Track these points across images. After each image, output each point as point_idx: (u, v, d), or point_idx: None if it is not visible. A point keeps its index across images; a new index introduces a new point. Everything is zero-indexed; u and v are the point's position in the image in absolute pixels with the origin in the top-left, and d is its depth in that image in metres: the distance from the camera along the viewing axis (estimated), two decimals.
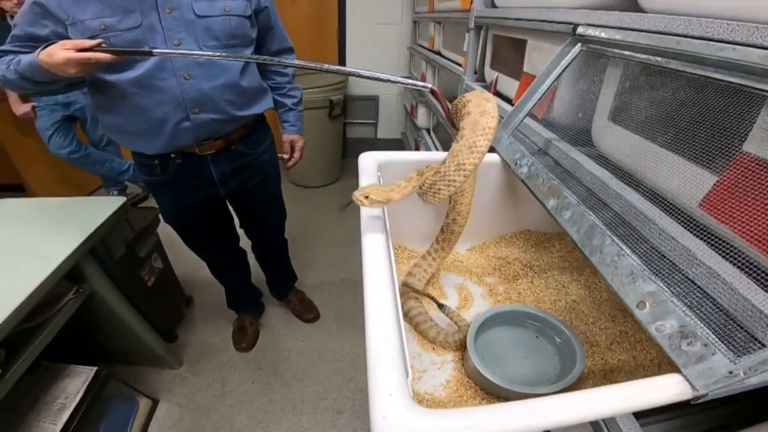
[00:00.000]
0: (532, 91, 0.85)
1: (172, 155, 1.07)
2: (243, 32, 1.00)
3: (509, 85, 1.12)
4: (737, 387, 0.34)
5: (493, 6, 1.21)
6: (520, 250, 0.89)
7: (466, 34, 1.32)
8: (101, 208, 1.17)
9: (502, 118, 0.90)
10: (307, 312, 1.73)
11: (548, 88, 0.83)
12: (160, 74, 0.93)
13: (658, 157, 0.58)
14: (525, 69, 1.02)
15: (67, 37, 0.84)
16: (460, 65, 1.54)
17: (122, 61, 0.87)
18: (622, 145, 0.68)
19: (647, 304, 0.41)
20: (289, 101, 1.25)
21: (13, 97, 2.20)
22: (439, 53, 1.94)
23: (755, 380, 0.33)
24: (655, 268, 0.44)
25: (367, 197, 0.62)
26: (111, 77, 0.92)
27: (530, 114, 0.87)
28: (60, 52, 0.76)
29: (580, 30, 0.78)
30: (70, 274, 1.03)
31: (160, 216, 1.51)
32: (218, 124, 1.02)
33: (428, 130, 2.21)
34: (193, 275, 1.93)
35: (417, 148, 2.34)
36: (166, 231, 1.38)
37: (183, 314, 1.75)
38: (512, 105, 1.05)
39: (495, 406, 0.36)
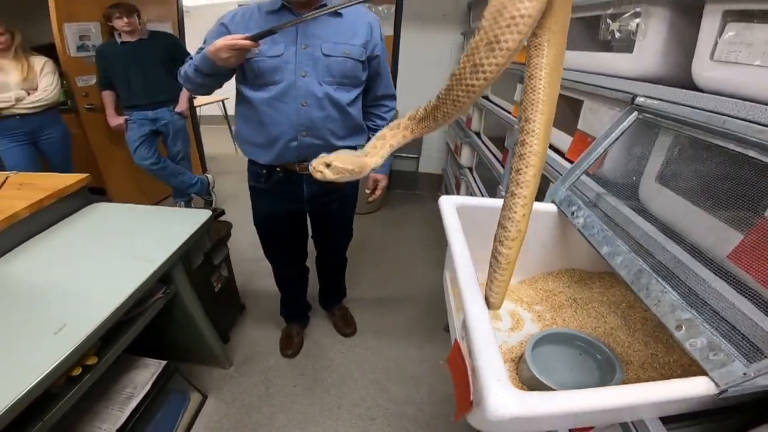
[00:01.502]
0: (591, 152, 0.91)
1: (277, 168, 1.24)
2: (355, 74, 1.15)
3: (561, 139, 1.18)
4: (749, 386, 0.45)
5: None
6: (565, 284, 0.96)
7: (519, 86, 1.38)
8: (193, 219, 1.29)
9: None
10: (347, 327, 1.82)
11: (605, 149, 0.89)
12: (284, 98, 1.11)
13: (696, 217, 0.68)
14: (579, 126, 1.08)
15: None
16: (509, 113, 1.60)
17: (255, 51, 1.04)
18: (666, 204, 0.76)
19: (683, 327, 0.53)
20: None
21: (109, 110, 2.45)
22: (486, 97, 2.02)
23: (762, 381, 0.44)
24: (690, 302, 0.55)
25: (328, 165, 0.57)
26: (250, 94, 1.13)
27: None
28: (218, 42, 0.96)
29: (638, 100, 0.84)
30: (162, 275, 1.14)
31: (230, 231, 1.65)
32: (318, 149, 1.14)
33: (470, 169, 2.26)
34: (247, 286, 2.05)
35: (458, 186, 2.40)
36: (231, 245, 1.49)
37: (236, 319, 1.85)
38: (563, 157, 1.12)
39: (578, 391, 0.46)
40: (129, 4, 2.30)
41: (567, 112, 1.24)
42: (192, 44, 2.66)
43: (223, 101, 4.39)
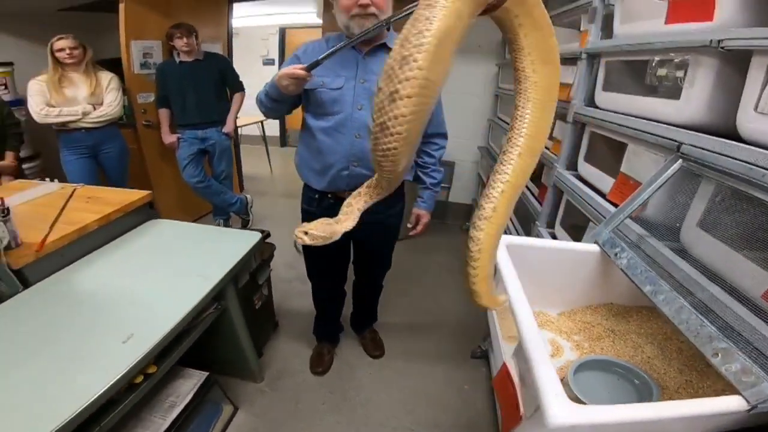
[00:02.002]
0: (635, 197, 0.94)
1: (328, 194, 1.31)
2: None
3: (603, 180, 1.20)
4: None
5: (593, 105, 1.29)
6: (603, 317, 1.00)
7: (564, 125, 1.41)
8: (244, 240, 1.37)
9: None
10: (375, 349, 1.85)
11: (650, 195, 0.92)
12: (341, 128, 1.18)
13: (734, 260, 0.74)
14: (623, 169, 1.10)
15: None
16: (547, 148, 1.63)
17: (309, 77, 1.09)
18: (706, 247, 0.81)
19: (720, 354, 0.60)
20: (428, 180, 1.40)
21: (164, 127, 2.56)
22: None
23: None
24: (726, 334, 0.62)
25: (306, 233, 0.65)
26: (312, 122, 1.22)
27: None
28: (281, 70, 1.06)
29: (683, 149, 0.87)
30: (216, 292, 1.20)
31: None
32: (366, 180, 1.20)
33: None
34: (281, 304, 2.11)
35: None
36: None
37: (270, 336, 1.91)
38: (604, 198, 1.15)
39: (627, 405, 0.54)
40: (189, 25, 2.41)
41: (607, 153, 1.27)
42: (238, 63, 2.81)
43: (261, 122, 4.55)
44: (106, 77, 2.32)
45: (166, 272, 1.21)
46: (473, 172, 3.26)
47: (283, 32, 5.41)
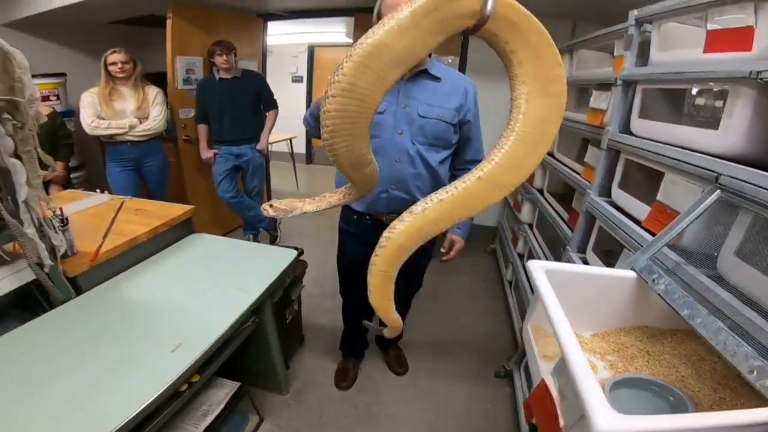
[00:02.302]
0: (673, 227, 0.95)
1: (366, 216, 1.34)
2: (446, 137, 1.24)
3: (638, 208, 1.21)
4: None
5: (629, 132, 1.29)
6: (637, 339, 1.02)
7: (598, 151, 1.42)
8: (282, 257, 1.43)
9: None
10: (399, 366, 1.87)
11: (687, 225, 0.92)
12: (381, 152, 1.20)
13: None
14: (659, 198, 1.10)
15: None
16: (578, 173, 1.64)
17: None
18: (743, 275, 0.82)
19: (755, 371, 0.63)
20: None
21: (203, 143, 2.64)
22: (551, 155, 2.05)
23: None
24: (761, 353, 0.65)
25: (271, 206, 0.75)
26: None
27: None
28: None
29: (722, 180, 0.87)
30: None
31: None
32: (404, 203, 1.22)
33: (530, 225, 2.26)
34: (308, 319, 2.14)
35: (515, 241, 2.41)
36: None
37: (296, 350, 1.94)
38: (639, 225, 1.15)
39: (670, 415, 0.60)
40: (229, 43, 2.47)
41: (642, 180, 1.27)
42: (269, 80, 2.88)
43: (290, 139, 4.69)
44: (153, 92, 2.40)
45: (208, 285, 1.27)
46: None
47: (311, 50, 5.58)
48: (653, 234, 1.07)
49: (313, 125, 1.26)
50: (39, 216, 1.08)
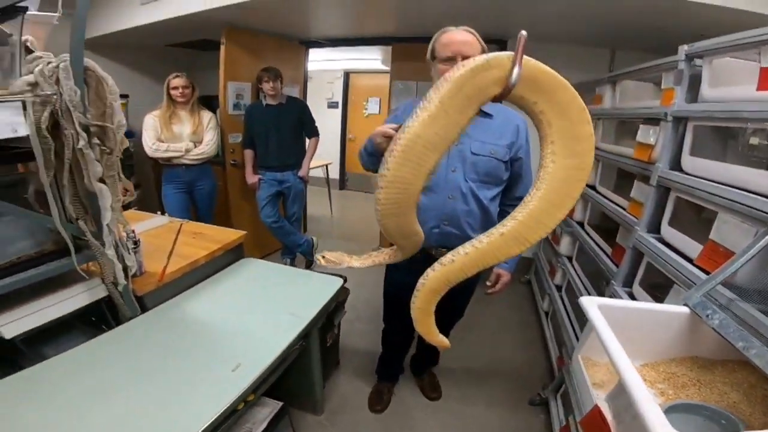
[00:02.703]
0: (728, 266, 0.95)
1: None
2: (497, 174, 1.26)
3: (689, 245, 1.19)
4: None
5: (680, 169, 1.28)
6: (688, 369, 1.03)
7: (647, 187, 1.40)
8: (328, 284, 1.50)
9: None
10: (432, 391, 1.88)
11: (742, 265, 0.92)
12: (435, 188, 1.25)
13: None
14: (712, 236, 1.09)
15: None
16: (623, 208, 1.62)
17: None
18: None
19: None
20: None
21: (249, 168, 2.73)
22: (593, 188, 2.02)
23: None
24: None
25: (323, 257, 0.88)
26: None
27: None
28: (378, 128, 1.12)
29: None
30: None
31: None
32: (455, 239, 1.23)
33: (570, 258, 2.23)
34: (344, 343, 2.16)
35: (553, 273, 2.39)
36: None
37: (332, 372, 1.98)
38: (690, 262, 1.15)
39: None
40: (276, 70, 2.55)
41: (693, 218, 1.26)
42: (309, 105, 2.96)
43: (326, 166, 4.83)
44: (207, 116, 2.53)
45: (262, 308, 1.35)
46: None
47: (347, 76, 5.79)
48: (706, 271, 1.07)
49: (368, 161, 1.30)
50: (117, 238, 1.19)
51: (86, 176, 1.07)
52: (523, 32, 0.59)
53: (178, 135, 2.44)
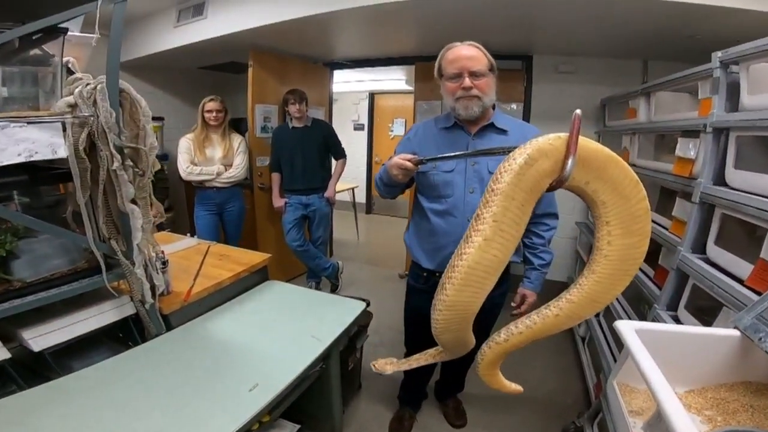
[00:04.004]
0: None
1: (436, 273, 1.36)
2: None
3: (737, 265, 1.13)
4: None
5: (724, 184, 1.22)
6: (740, 394, 0.96)
7: (689, 204, 1.34)
8: (350, 307, 1.51)
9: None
10: (458, 419, 1.82)
11: None
12: (454, 211, 1.26)
13: None
14: (763, 255, 1.03)
15: None
16: (665, 228, 1.55)
17: (416, 170, 1.17)
18: None
19: None
20: (537, 261, 1.38)
21: (275, 191, 2.77)
22: None
23: None
24: None
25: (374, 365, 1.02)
26: (426, 204, 1.32)
27: None
28: (393, 159, 1.16)
29: None
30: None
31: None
32: None
33: None
34: (366, 367, 2.10)
35: None
36: None
37: (353, 396, 1.96)
38: (740, 283, 1.08)
39: None
40: (302, 92, 2.62)
41: (741, 235, 1.19)
42: (335, 127, 3.00)
43: (353, 189, 4.87)
44: (237, 139, 2.62)
45: (283, 329, 1.37)
46: (569, 248, 3.11)
47: (372, 97, 5.92)
48: (757, 292, 1.01)
49: (385, 191, 1.34)
50: (146, 258, 1.25)
51: (119, 197, 1.13)
52: (578, 111, 0.56)
53: (211, 158, 2.53)
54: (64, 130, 1.02)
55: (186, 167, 2.48)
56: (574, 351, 2.41)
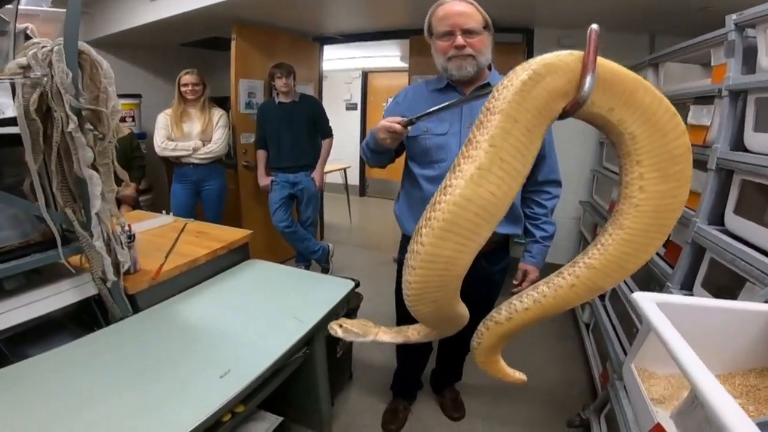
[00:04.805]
0: None
1: None
2: None
3: (760, 235, 1.07)
4: None
5: (743, 149, 1.18)
6: None
7: (703, 174, 1.28)
8: (338, 287, 1.43)
9: None
10: (455, 410, 1.77)
11: None
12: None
13: None
14: None
15: None
16: None
17: (406, 133, 1.09)
18: None
19: None
20: (538, 233, 1.33)
21: (261, 169, 2.72)
22: None
23: None
24: None
25: (341, 326, 0.74)
26: (417, 171, 1.25)
27: None
28: (379, 123, 1.09)
29: None
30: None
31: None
32: None
33: None
34: (358, 357, 2.09)
35: None
36: None
37: (343, 387, 1.89)
38: (763, 254, 1.02)
39: None
40: (289, 66, 2.56)
41: (765, 203, 1.12)
42: (325, 107, 2.93)
43: (345, 170, 4.78)
44: (217, 114, 2.56)
45: (263, 311, 1.29)
46: (573, 229, 3.07)
47: (365, 75, 5.79)
48: None
49: (372, 158, 1.26)
50: (108, 230, 1.15)
51: (76, 162, 1.05)
52: (594, 26, 0.46)
53: (188, 133, 2.48)
54: (14, 91, 0.97)
55: (161, 143, 2.43)
56: (577, 337, 2.37)
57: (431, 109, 0.97)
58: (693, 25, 2.22)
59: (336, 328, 0.79)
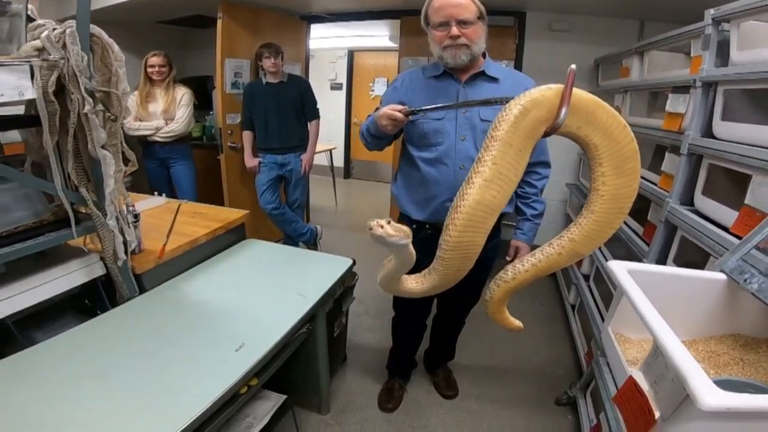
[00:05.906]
0: (762, 227, 1.00)
1: (426, 225, 1.42)
2: None
3: (724, 214, 1.24)
4: None
5: (711, 136, 1.33)
6: (729, 347, 1.06)
7: (676, 158, 1.45)
8: (336, 264, 1.55)
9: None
10: (449, 389, 1.91)
11: None
12: (445, 159, 1.31)
13: None
14: (747, 201, 1.14)
15: None
16: (654, 184, 1.66)
17: (406, 121, 1.23)
18: None
19: None
20: (529, 211, 1.44)
21: (247, 151, 2.79)
22: None
23: None
24: None
25: (389, 222, 0.78)
26: (415, 153, 1.37)
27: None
28: (381, 110, 1.22)
29: None
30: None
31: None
32: None
33: None
34: (351, 338, 2.20)
35: (580, 261, 2.41)
36: None
37: (338, 368, 2.02)
38: (726, 231, 1.19)
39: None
40: (277, 46, 2.63)
41: (727, 185, 1.31)
42: (313, 83, 3.03)
43: (330, 151, 4.84)
44: (180, 92, 2.69)
45: (266, 288, 1.41)
46: (560, 211, 3.24)
47: (351, 55, 5.81)
48: (742, 239, 1.10)
49: (373, 143, 1.38)
50: (118, 209, 1.25)
51: (90, 142, 1.14)
52: (573, 66, 0.69)
53: (153, 113, 2.64)
54: (32, 73, 1.03)
55: (127, 123, 2.57)
56: (564, 319, 2.56)
57: (431, 107, 1.17)
58: (681, 13, 2.38)
59: (383, 224, 0.75)
